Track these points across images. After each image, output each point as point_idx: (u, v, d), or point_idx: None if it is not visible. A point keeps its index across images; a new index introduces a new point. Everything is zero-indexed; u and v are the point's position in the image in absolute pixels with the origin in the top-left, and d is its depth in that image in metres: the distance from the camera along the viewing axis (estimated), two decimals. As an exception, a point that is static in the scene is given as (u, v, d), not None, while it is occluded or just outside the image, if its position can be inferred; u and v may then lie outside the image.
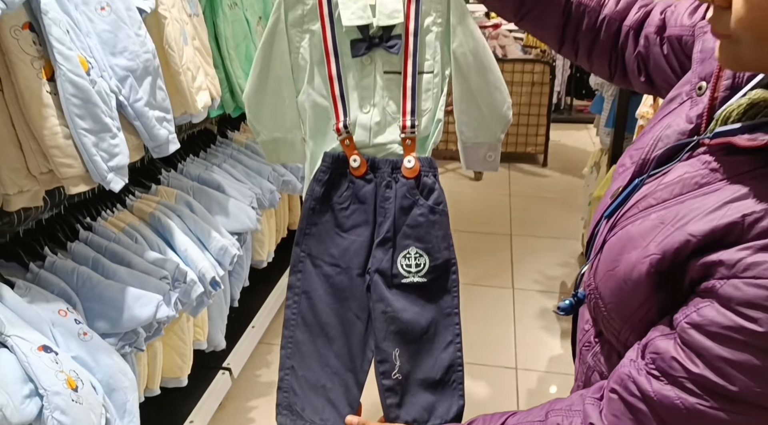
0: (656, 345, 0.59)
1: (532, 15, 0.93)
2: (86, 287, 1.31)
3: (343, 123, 1.01)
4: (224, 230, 1.74)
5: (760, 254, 0.52)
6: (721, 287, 0.54)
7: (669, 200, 0.61)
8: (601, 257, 0.68)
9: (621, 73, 0.93)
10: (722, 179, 0.58)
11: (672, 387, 0.57)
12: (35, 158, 1.13)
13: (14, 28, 1.05)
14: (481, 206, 3.79)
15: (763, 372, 0.52)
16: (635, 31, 0.90)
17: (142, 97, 1.27)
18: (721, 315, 0.54)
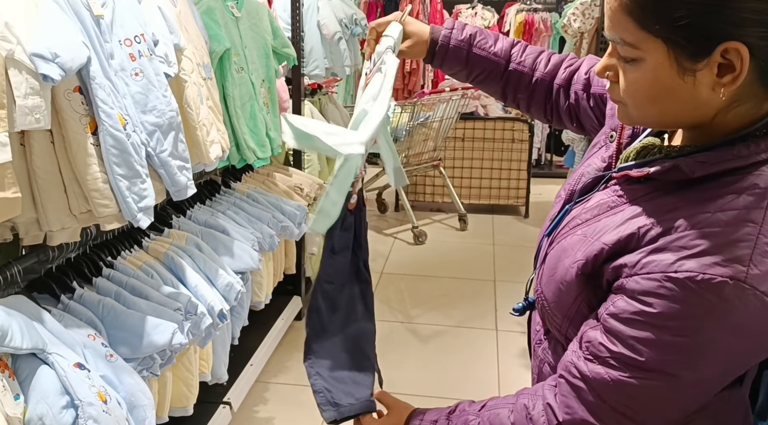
0: (588, 335, 0.76)
1: (478, 80, 1.15)
2: (110, 316, 1.47)
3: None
4: (229, 269, 1.91)
5: (651, 255, 0.69)
6: (627, 283, 0.71)
7: (590, 219, 0.80)
8: (544, 267, 0.86)
9: (557, 120, 1.15)
10: (626, 202, 0.77)
11: (601, 366, 0.73)
12: (77, 199, 1.31)
13: (67, 91, 1.26)
14: (466, 255, 3.98)
15: (660, 343, 0.69)
16: (564, 88, 1.11)
17: (166, 149, 1.47)
18: (628, 304, 0.71)
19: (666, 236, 0.69)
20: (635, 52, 0.70)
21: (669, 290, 0.67)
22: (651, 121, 0.77)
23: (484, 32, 1.14)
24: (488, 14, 5.37)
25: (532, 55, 1.14)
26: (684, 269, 0.66)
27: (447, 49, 1.12)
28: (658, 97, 0.71)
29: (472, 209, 4.57)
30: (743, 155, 0.69)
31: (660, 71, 0.69)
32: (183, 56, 1.64)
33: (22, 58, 1.13)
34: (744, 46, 0.64)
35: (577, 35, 3.08)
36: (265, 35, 2.27)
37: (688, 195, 0.71)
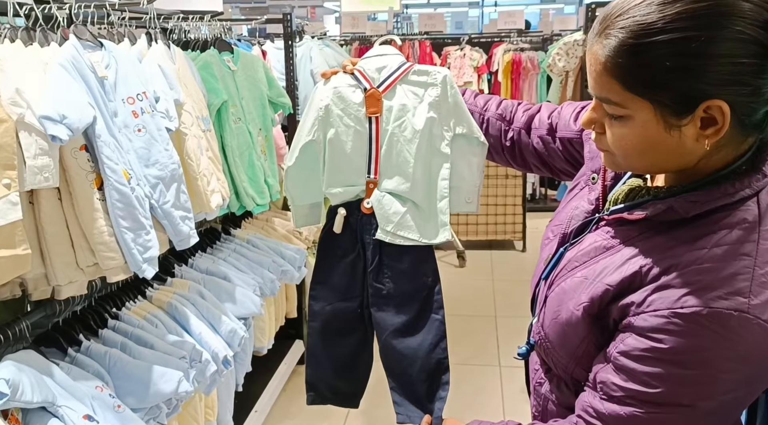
0: (600, 376, 0.78)
1: None
2: (117, 367, 1.49)
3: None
4: (232, 315, 1.93)
5: (656, 292, 0.72)
6: (635, 321, 0.74)
7: (588, 262, 0.83)
8: (545, 309, 0.88)
9: (521, 161, 1.20)
10: (621, 242, 0.80)
11: (617, 405, 0.75)
12: (84, 253, 1.35)
13: (74, 150, 1.31)
14: (466, 292, 4.00)
15: (672, 377, 0.71)
16: (525, 130, 1.17)
17: (169, 200, 1.52)
18: (638, 342, 0.73)
19: (668, 274, 0.72)
20: (622, 110, 0.74)
21: (677, 326, 0.70)
22: (639, 169, 0.82)
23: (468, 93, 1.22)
24: (476, 55, 5.51)
25: (482, 98, 1.21)
26: (689, 304, 0.69)
27: None
28: (646, 150, 0.75)
29: (470, 245, 4.61)
30: (730, 193, 0.73)
31: (647, 128, 0.73)
32: (183, 110, 1.71)
33: (32, 121, 1.19)
34: (725, 103, 0.68)
35: (563, 74, 3.18)
36: (261, 86, 2.35)
37: (681, 234, 0.75)
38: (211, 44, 2.21)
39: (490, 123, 1.19)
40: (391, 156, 1.20)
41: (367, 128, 1.20)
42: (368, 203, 1.22)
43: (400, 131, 1.20)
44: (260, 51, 2.94)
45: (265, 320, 2.39)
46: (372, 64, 1.23)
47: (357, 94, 1.20)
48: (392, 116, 1.20)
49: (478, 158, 1.23)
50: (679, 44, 0.67)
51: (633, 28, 0.69)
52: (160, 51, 1.71)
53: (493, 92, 5.75)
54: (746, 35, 0.66)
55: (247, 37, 3.99)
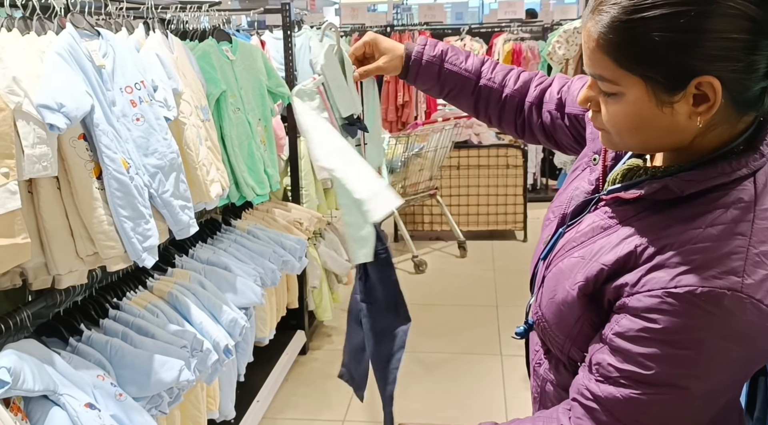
0: (596, 357, 0.78)
1: (450, 95, 1.20)
2: (118, 356, 1.49)
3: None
4: (233, 305, 1.93)
5: (650, 273, 0.72)
6: (629, 301, 0.73)
7: (585, 242, 0.83)
8: (543, 290, 0.89)
9: (529, 135, 1.19)
10: (618, 223, 0.80)
11: (612, 386, 0.75)
12: (83, 242, 1.35)
13: (72, 139, 1.31)
14: (467, 282, 4.00)
15: (667, 357, 0.71)
16: (536, 106, 1.16)
17: (168, 189, 1.52)
18: (632, 322, 0.73)
19: (662, 253, 0.72)
20: (615, 87, 0.74)
21: (671, 306, 0.70)
22: (634, 147, 0.82)
23: (455, 49, 1.19)
24: (476, 45, 5.49)
25: (501, 72, 1.19)
26: (683, 284, 0.69)
27: (420, 65, 1.16)
28: (639, 127, 0.75)
29: (470, 235, 4.61)
30: (727, 172, 0.73)
31: (639, 104, 0.73)
32: (181, 100, 1.70)
33: (30, 110, 1.19)
34: (716, 79, 0.68)
35: (563, 62, 3.17)
36: (260, 76, 2.34)
37: (677, 213, 0.75)
38: (210, 34, 2.20)
39: (508, 101, 1.18)
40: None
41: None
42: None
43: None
44: (259, 41, 2.94)
45: (266, 310, 2.39)
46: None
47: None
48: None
49: None
50: (670, 19, 0.67)
51: (624, 4, 0.69)
52: (158, 40, 1.70)
53: (493, 82, 5.74)
54: (737, 10, 0.66)
55: (246, 29, 3.98)
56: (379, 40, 1.19)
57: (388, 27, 5.76)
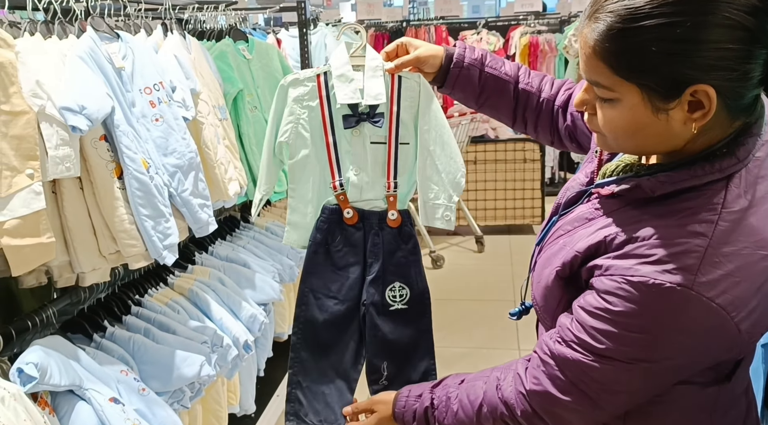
0: (560, 320, 0.85)
1: (489, 102, 1.21)
2: (141, 351, 1.53)
3: (339, 182, 1.29)
4: (252, 301, 1.96)
5: (615, 260, 0.77)
6: (595, 282, 0.79)
7: (570, 230, 0.87)
8: (534, 274, 0.94)
9: (558, 140, 1.20)
10: (602, 215, 0.84)
11: (567, 348, 0.81)
12: (106, 241, 1.38)
13: (93, 140, 1.34)
14: (485, 277, 4.00)
15: (616, 336, 0.76)
16: (563, 109, 1.17)
17: (187, 188, 1.54)
18: (594, 300, 0.78)
19: (629, 244, 0.77)
20: (611, 93, 0.76)
21: (626, 291, 0.75)
22: (628, 150, 0.84)
23: (492, 54, 1.22)
24: (493, 38, 5.46)
25: (537, 77, 1.21)
26: (639, 274, 0.74)
27: (461, 67, 1.17)
28: (634, 132, 0.77)
29: (488, 230, 4.60)
30: (698, 175, 0.76)
31: (635, 111, 0.75)
32: (199, 100, 1.73)
33: (53, 113, 1.21)
34: (711, 88, 0.69)
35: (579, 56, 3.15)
36: (276, 74, 2.36)
37: (651, 210, 0.78)
38: (226, 34, 2.22)
39: (545, 105, 1.19)
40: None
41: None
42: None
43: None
44: (275, 39, 2.96)
45: (284, 306, 2.42)
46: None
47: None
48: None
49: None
50: (666, 29, 0.68)
51: (620, 12, 0.70)
52: (176, 41, 1.73)
53: (510, 76, 5.70)
54: (732, 20, 0.67)
55: (262, 27, 4.00)
56: (413, 41, 1.21)
57: (404, 22, 5.76)
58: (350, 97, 1.24)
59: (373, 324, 1.27)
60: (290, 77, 1.28)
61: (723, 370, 0.82)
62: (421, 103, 1.28)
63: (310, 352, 1.32)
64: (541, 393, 0.85)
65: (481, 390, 0.94)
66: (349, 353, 1.31)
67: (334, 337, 1.31)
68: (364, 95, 1.25)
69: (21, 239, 1.15)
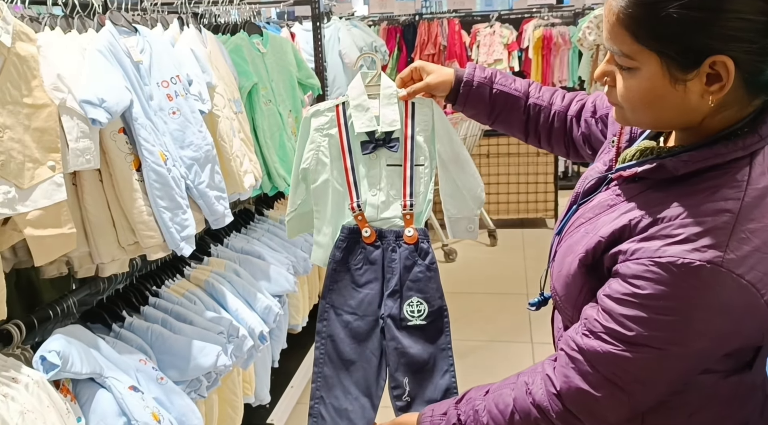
0: (586, 312, 0.84)
1: (500, 118, 1.23)
2: (159, 341, 1.55)
3: (357, 203, 1.32)
4: (267, 292, 1.98)
5: (640, 242, 0.77)
6: (620, 268, 0.78)
7: (592, 218, 0.87)
8: (554, 264, 0.94)
9: (574, 151, 1.21)
10: (623, 200, 0.84)
11: (596, 340, 0.80)
12: (125, 232, 1.40)
13: (113, 133, 1.36)
14: (497, 270, 4.00)
15: (647, 321, 0.75)
16: (576, 117, 1.19)
17: (204, 181, 1.56)
18: (620, 286, 0.78)
19: (654, 226, 0.76)
20: (631, 62, 0.77)
21: (654, 274, 0.74)
22: (645, 123, 0.84)
23: (502, 72, 1.24)
24: (506, 32, 5.44)
25: (548, 91, 1.23)
26: (667, 254, 0.73)
27: (471, 86, 1.19)
28: (651, 102, 0.78)
29: (501, 224, 4.60)
30: (722, 153, 0.76)
31: (654, 80, 0.76)
32: (215, 93, 1.74)
33: (73, 106, 1.24)
34: (729, 59, 0.70)
35: (593, 48, 3.13)
36: (290, 68, 2.38)
37: (674, 190, 0.78)
38: (241, 27, 2.24)
39: (557, 117, 1.20)
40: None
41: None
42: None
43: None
44: (289, 33, 2.97)
45: (299, 298, 2.44)
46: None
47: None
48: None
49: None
50: None
51: None
52: (192, 35, 1.74)
53: (523, 69, 5.67)
54: None
55: (276, 20, 4.02)
56: (426, 65, 1.24)
57: (416, 15, 5.74)
58: (367, 126, 1.29)
59: (392, 337, 1.30)
60: (312, 109, 1.34)
61: (744, 357, 0.82)
62: (435, 127, 1.32)
63: (332, 368, 1.36)
64: (574, 391, 0.83)
65: (510, 397, 0.91)
66: (371, 369, 1.33)
67: (356, 353, 1.34)
68: (380, 122, 1.30)
69: (43, 229, 1.17)
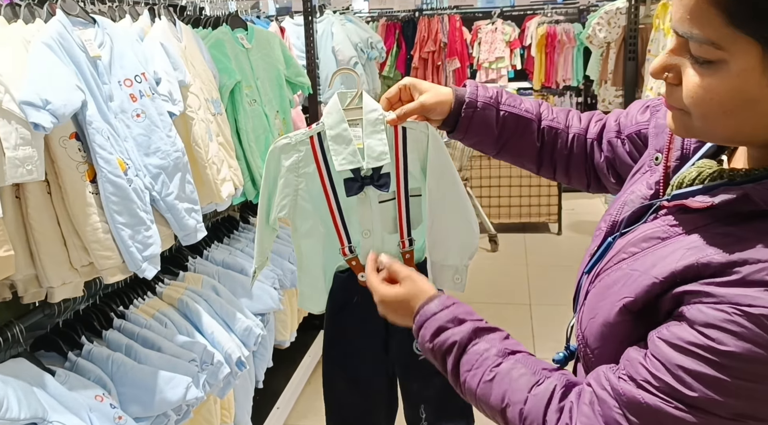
0: (628, 354, 0.66)
1: (509, 145, 1.03)
2: (120, 372, 1.38)
3: (348, 247, 1.15)
4: (248, 311, 1.81)
5: (720, 287, 0.59)
6: (688, 311, 0.60)
7: (638, 253, 0.69)
8: (584, 309, 0.75)
9: (595, 181, 1.03)
10: (681, 233, 0.66)
11: (638, 389, 0.63)
12: (77, 252, 1.23)
13: (62, 139, 1.18)
14: (499, 278, 3.83)
15: (723, 384, 0.58)
16: (597, 141, 1.01)
17: (173, 192, 1.39)
18: (686, 332, 0.60)
19: (737, 267, 0.59)
20: (716, 52, 0.57)
21: (741, 327, 0.57)
22: (717, 136, 0.64)
23: (507, 92, 1.05)
24: (508, 29, 5.27)
25: (561, 112, 1.04)
26: (760, 304, 0.56)
27: (475, 109, 1.00)
28: (735, 109, 0.58)
29: (502, 228, 4.43)
30: None
31: (745, 78, 0.56)
32: (189, 93, 1.57)
33: (11, 107, 1.06)
34: None
35: (603, 45, 2.95)
36: (278, 65, 2.20)
37: (757, 226, 0.60)
38: (224, 21, 2.06)
39: (576, 142, 1.03)
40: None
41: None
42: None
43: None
44: (278, 28, 2.79)
45: (287, 313, 2.27)
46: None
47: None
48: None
49: None
50: None
51: None
52: (163, 28, 1.57)
53: (526, 68, 5.49)
54: None
55: (273, 15, 3.84)
56: (418, 82, 1.03)
57: (416, 11, 5.56)
58: (350, 162, 1.08)
59: (403, 373, 1.20)
60: (281, 142, 1.11)
61: None
62: (430, 155, 1.13)
63: (341, 417, 1.26)
64: None
65: (524, 393, 0.74)
66: (381, 413, 1.25)
67: (364, 398, 1.24)
68: (366, 156, 1.09)
69: (-28, 253, 1.00)
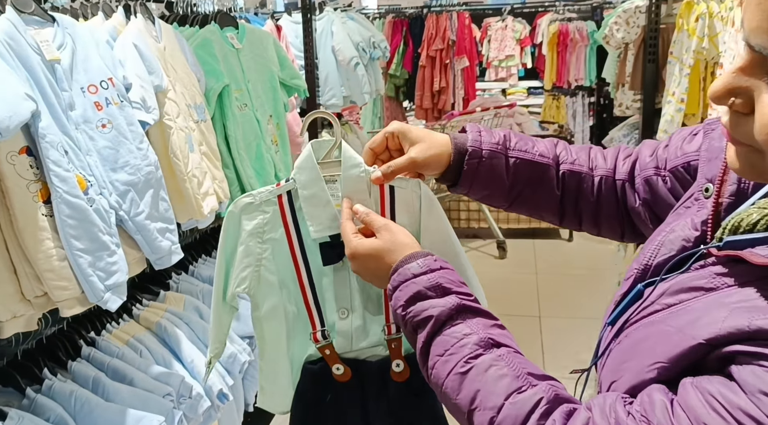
0: (651, 392, 0.54)
1: (523, 197, 0.87)
2: (84, 411, 1.24)
3: (321, 332, 0.94)
4: (235, 335, 1.67)
5: None
6: (739, 371, 0.49)
7: (675, 305, 0.56)
8: (605, 368, 0.63)
9: (630, 228, 0.87)
10: (730, 285, 0.53)
11: None
12: (29, 281, 1.09)
13: (11, 154, 1.04)
14: (507, 287, 3.67)
15: None
16: (629, 181, 0.85)
17: (143, 211, 1.25)
18: (732, 394, 0.48)
19: None
20: None
21: None
22: None
23: (514, 132, 0.89)
24: (519, 26, 5.11)
25: (582, 152, 0.89)
26: None
27: (480, 159, 0.84)
28: None
29: (510, 233, 4.27)
30: None
31: None
32: (167, 99, 1.43)
33: (-56, 121, 0.92)
34: None
35: (621, 46, 2.79)
36: (271, 66, 2.05)
37: None
38: (212, 19, 1.92)
39: (604, 186, 0.88)
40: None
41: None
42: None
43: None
44: (274, 26, 2.64)
45: (279, 330, 2.13)
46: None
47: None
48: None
49: None
50: None
51: None
52: (139, 27, 1.42)
53: (537, 66, 5.33)
54: None
55: (280, 12, 3.69)
56: (407, 130, 0.86)
57: (424, 8, 5.40)
58: (328, 228, 0.89)
59: None
60: (243, 201, 0.92)
61: None
62: (423, 221, 0.93)
63: None
64: None
65: (500, 398, 0.64)
66: None
67: None
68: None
69: None
